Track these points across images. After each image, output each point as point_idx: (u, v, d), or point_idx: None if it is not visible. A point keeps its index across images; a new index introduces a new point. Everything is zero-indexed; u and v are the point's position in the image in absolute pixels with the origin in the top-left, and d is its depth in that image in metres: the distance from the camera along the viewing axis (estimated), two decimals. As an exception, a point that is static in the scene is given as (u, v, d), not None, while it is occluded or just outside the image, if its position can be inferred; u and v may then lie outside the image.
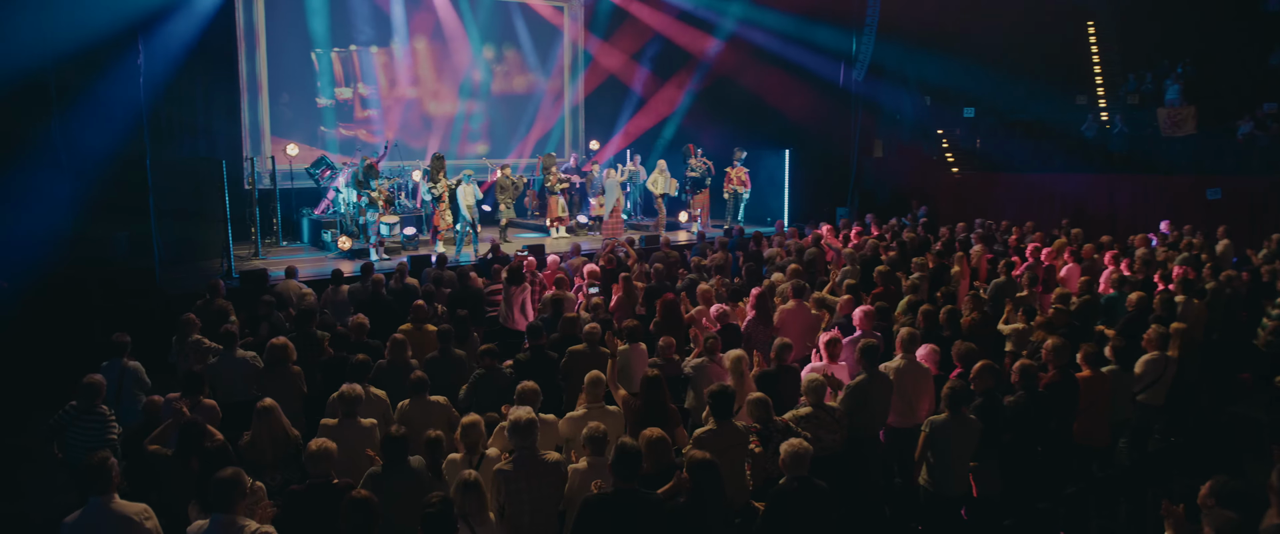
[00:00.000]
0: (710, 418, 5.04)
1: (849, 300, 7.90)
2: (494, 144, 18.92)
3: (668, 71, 19.59)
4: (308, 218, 15.30)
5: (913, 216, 15.53)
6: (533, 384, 5.22)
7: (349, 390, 5.25)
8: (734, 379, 5.86)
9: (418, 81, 17.97)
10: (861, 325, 6.97)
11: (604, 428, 4.57)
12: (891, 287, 8.90)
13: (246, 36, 15.79)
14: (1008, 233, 13.32)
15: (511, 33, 18.97)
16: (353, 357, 5.97)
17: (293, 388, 6.30)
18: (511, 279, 9.44)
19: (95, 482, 4.05)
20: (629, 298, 9.42)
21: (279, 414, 5.28)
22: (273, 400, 5.33)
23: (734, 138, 17.53)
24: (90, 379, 5.71)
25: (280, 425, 5.25)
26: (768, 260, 11.41)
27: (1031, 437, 5.68)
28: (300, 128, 16.54)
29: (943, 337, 7.05)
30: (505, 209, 15.12)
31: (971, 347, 6.17)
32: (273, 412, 5.24)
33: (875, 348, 5.81)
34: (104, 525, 4.05)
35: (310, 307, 7.55)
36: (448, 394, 6.21)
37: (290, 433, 5.28)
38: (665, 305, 8.15)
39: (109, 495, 4.09)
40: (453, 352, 6.84)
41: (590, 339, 6.84)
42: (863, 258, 10.63)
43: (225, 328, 6.78)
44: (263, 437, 5.14)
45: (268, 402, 5.28)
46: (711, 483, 4.02)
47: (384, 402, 5.88)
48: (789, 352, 6.26)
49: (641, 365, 6.61)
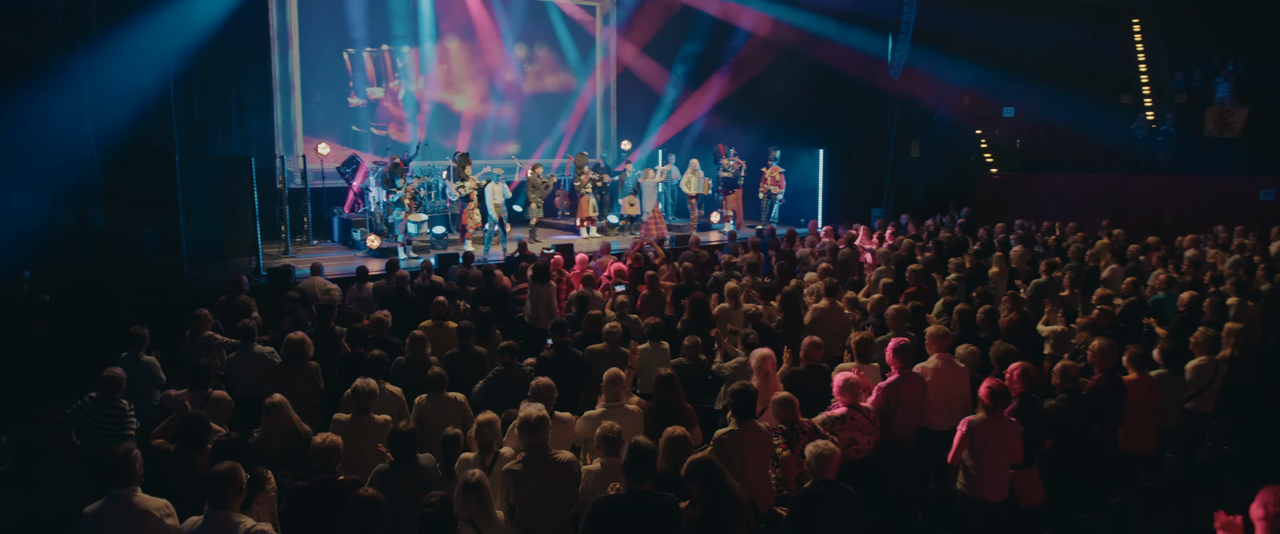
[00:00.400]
0: (731, 417, 4.83)
1: (879, 299, 7.64)
2: (525, 143, 18.84)
3: (700, 71, 19.39)
4: (338, 217, 15.33)
5: (951, 217, 15.15)
6: (548, 381, 5.05)
7: (362, 385, 5.12)
8: (759, 378, 5.64)
9: (449, 81, 17.95)
10: (893, 324, 6.71)
11: (619, 428, 4.38)
12: (926, 286, 8.62)
13: (279, 36, 15.86)
14: (1048, 234, 12.94)
15: (543, 32, 18.90)
16: (369, 352, 5.83)
17: (310, 383, 6.19)
18: (538, 277, 9.30)
19: (118, 473, 3.96)
20: (655, 297, 9.24)
21: (288, 410, 5.16)
22: (283, 396, 5.20)
23: (768, 138, 17.28)
24: (110, 372, 5.65)
25: (290, 421, 5.13)
26: (800, 260, 11.17)
27: (1074, 442, 5.38)
28: (332, 127, 16.58)
29: (980, 337, 6.78)
30: (535, 208, 15.03)
31: (1010, 347, 5.89)
32: (282, 408, 5.12)
33: (908, 347, 5.56)
34: (124, 518, 3.94)
35: (330, 302, 7.45)
36: (467, 391, 6.08)
37: (301, 429, 5.15)
38: (694, 303, 7.94)
39: (131, 488, 3.99)
40: (473, 348, 6.71)
41: (611, 338, 6.67)
42: (898, 258, 10.34)
43: (243, 323, 6.70)
44: (272, 433, 5.03)
45: (277, 398, 5.16)
46: (714, 485, 3.78)
47: (400, 398, 5.75)
48: (819, 351, 6.03)
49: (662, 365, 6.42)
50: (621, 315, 8.01)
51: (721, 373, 6.32)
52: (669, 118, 19.60)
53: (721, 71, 19.03)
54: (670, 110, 19.63)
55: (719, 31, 18.83)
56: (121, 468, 3.95)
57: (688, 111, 19.64)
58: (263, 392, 6.20)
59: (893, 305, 6.88)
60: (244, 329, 6.63)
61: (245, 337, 6.61)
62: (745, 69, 18.73)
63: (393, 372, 6.42)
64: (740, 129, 18.04)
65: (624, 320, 7.96)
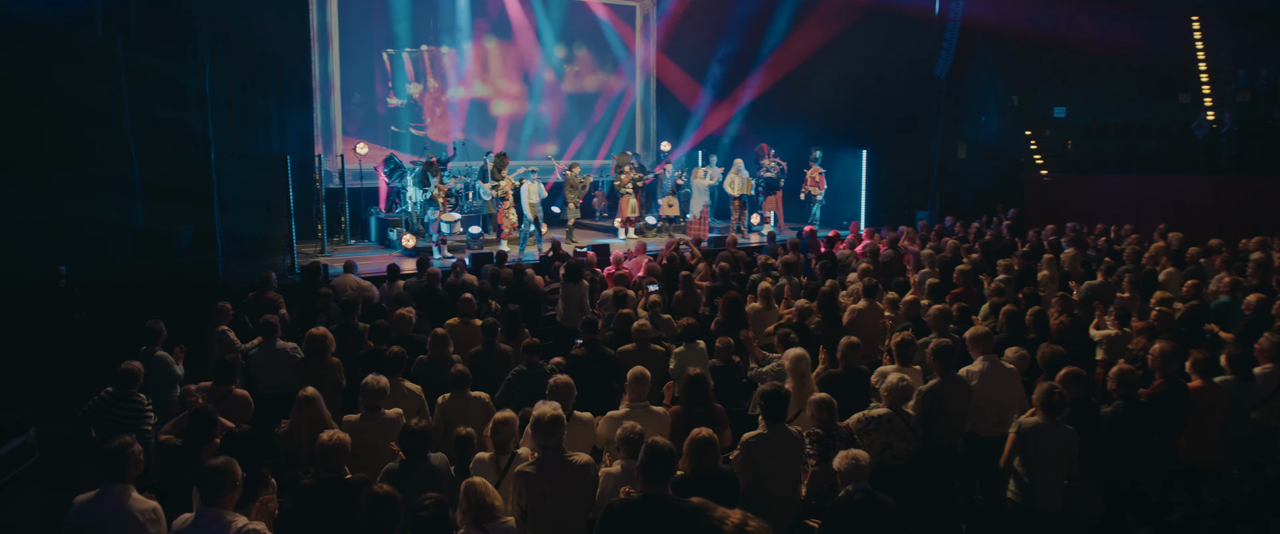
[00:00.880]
0: (760, 420, 4.56)
1: (914, 300, 7.30)
2: (563, 143, 18.70)
3: (740, 70, 19.10)
4: (375, 216, 15.32)
5: (998, 219, 14.68)
6: (566, 379, 4.83)
7: (372, 382, 4.94)
8: (794, 380, 5.36)
9: (488, 81, 17.90)
10: (935, 325, 6.37)
11: (640, 429, 4.13)
12: (972, 288, 8.25)
13: (319, 36, 15.92)
14: (1100, 236, 12.44)
15: (583, 32, 18.77)
16: (387, 349, 5.67)
17: (331, 380, 6.04)
18: (570, 276, 9.11)
19: (112, 467, 3.81)
20: (690, 297, 8.99)
21: (321, 405, 5.04)
22: (316, 390, 5.06)
23: (809, 138, 16.93)
24: (128, 366, 5.55)
25: (321, 417, 4.98)
26: (841, 262, 10.85)
27: (1132, 453, 5.01)
28: (371, 127, 16.60)
29: (1027, 339, 6.43)
30: (572, 208, 14.86)
31: (1059, 350, 5.53)
32: (315, 402, 4.99)
33: (950, 348, 5.24)
34: (109, 514, 3.79)
35: (352, 299, 7.32)
36: (492, 390, 5.91)
37: (331, 425, 5.00)
38: (727, 303, 7.69)
39: (125, 485, 3.84)
40: (498, 346, 6.53)
41: (640, 337, 6.44)
42: (943, 261, 9.97)
43: (265, 318, 6.58)
44: (301, 427, 4.88)
45: (310, 391, 5.03)
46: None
47: (418, 396, 5.57)
48: (857, 352, 5.73)
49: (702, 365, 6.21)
50: (653, 315, 7.78)
51: (759, 377, 6.05)
52: (708, 118, 19.35)
53: (761, 71, 18.72)
54: (709, 110, 19.38)
55: (759, 31, 18.53)
56: (115, 462, 3.80)
57: (727, 111, 19.36)
58: (284, 388, 6.10)
59: (936, 306, 6.53)
60: (266, 325, 6.52)
61: (267, 332, 6.50)
62: (786, 68, 18.39)
63: (415, 370, 6.27)
64: (781, 129, 17.71)
65: (656, 321, 7.74)
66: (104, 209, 10.37)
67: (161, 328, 6.71)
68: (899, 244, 11.64)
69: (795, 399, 5.12)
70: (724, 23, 18.80)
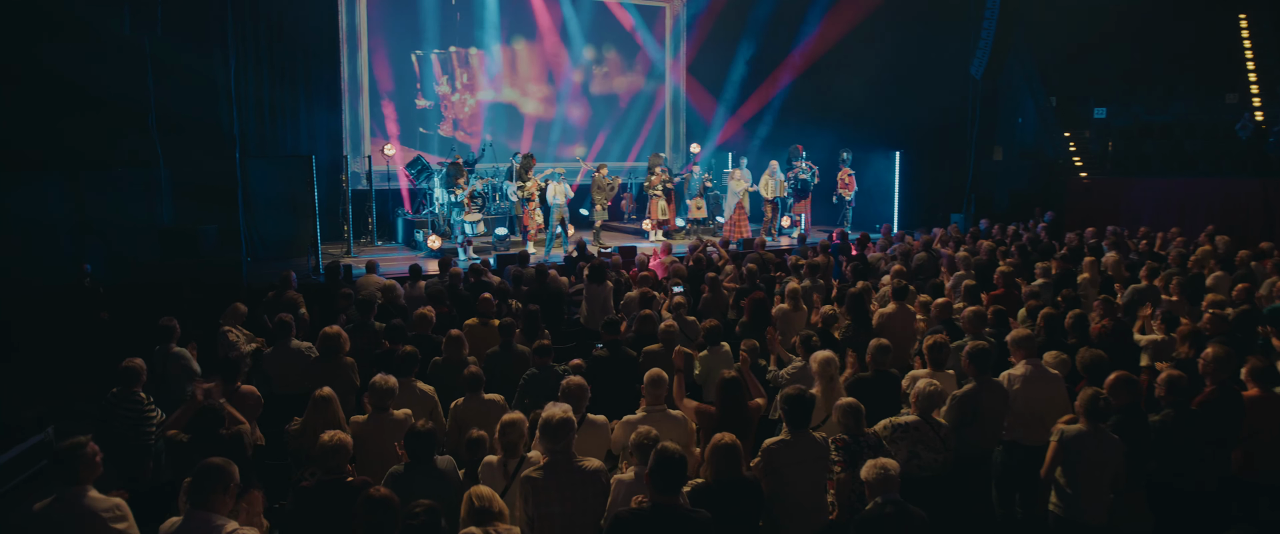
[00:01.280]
0: (783, 426, 4.32)
1: (947, 303, 7.02)
2: (592, 145, 18.54)
3: (771, 71, 18.86)
4: (402, 217, 15.26)
5: (1035, 222, 14.28)
6: (579, 381, 4.63)
7: (381, 382, 4.78)
8: (821, 384, 5.11)
9: (517, 82, 17.80)
10: (969, 328, 6.09)
11: (655, 433, 3.92)
12: (1011, 290, 7.94)
13: (349, 38, 15.91)
14: (1142, 239, 12.02)
15: (612, 33, 18.61)
16: (400, 349, 5.51)
17: (346, 380, 5.90)
18: (594, 277, 8.93)
19: (65, 469, 3.66)
20: (717, 299, 8.78)
21: (336, 406, 4.88)
22: (332, 390, 4.91)
23: (840, 140, 16.63)
24: (129, 363, 5.44)
25: (336, 418, 4.82)
26: (872, 265, 10.56)
27: (1183, 465, 4.70)
28: (399, 127, 16.57)
29: (1067, 344, 6.12)
30: (599, 210, 14.69)
31: (1100, 354, 5.23)
32: (330, 402, 4.84)
33: (986, 352, 4.96)
34: (65, 517, 3.64)
35: (370, 298, 7.19)
36: (508, 392, 5.74)
37: (345, 427, 4.85)
38: (753, 304, 7.45)
39: (81, 487, 3.69)
40: (515, 347, 6.35)
41: (667, 338, 6.24)
42: (979, 263, 9.65)
43: (280, 317, 6.46)
44: (314, 427, 4.71)
45: (327, 391, 4.88)
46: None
47: (432, 398, 5.40)
48: (887, 355, 5.47)
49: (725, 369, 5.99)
50: (678, 317, 7.57)
51: (778, 380, 5.81)
52: (739, 120, 19.13)
53: (791, 71, 18.47)
54: (739, 112, 19.15)
55: (789, 31, 18.29)
56: (68, 464, 3.65)
57: (758, 113, 19.13)
58: (298, 389, 5.97)
59: (971, 308, 6.25)
60: (280, 324, 6.40)
61: (282, 332, 6.37)
62: (816, 69, 18.11)
63: (431, 371, 6.12)
64: (812, 130, 17.42)
65: (680, 322, 7.53)
66: (131, 207, 10.37)
67: (175, 325, 6.62)
68: (933, 246, 11.32)
69: (822, 404, 4.89)
70: (753, 23, 18.59)
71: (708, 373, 6.41)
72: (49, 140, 10.26)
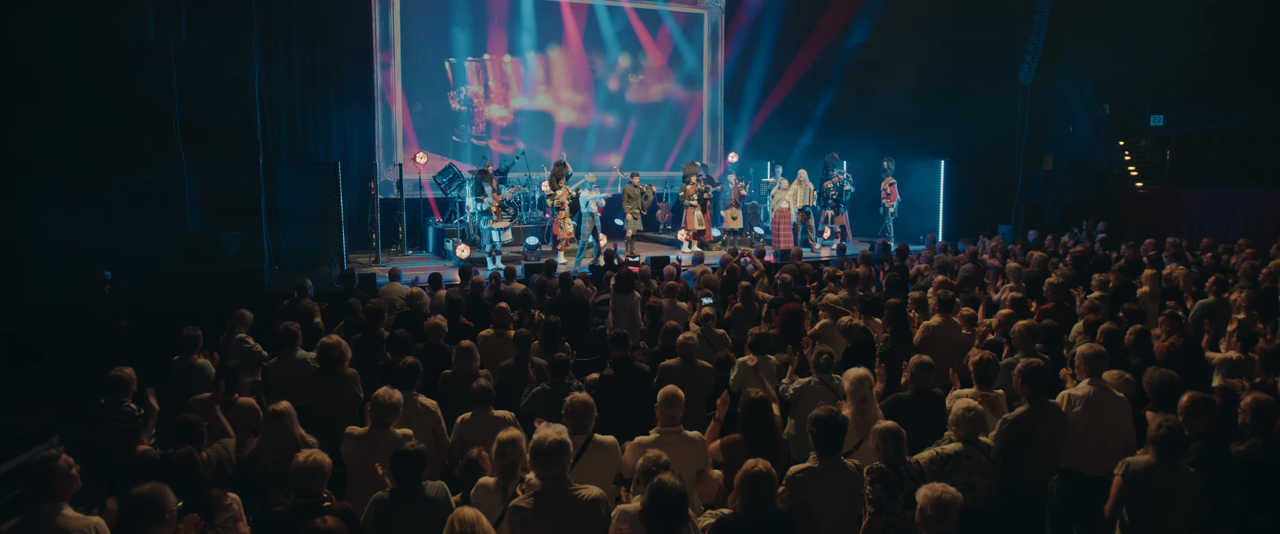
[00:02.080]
0: (812, 453, 3.88)
1: (1006, 315, 6.52)
2: (629, 154, 18.20)
3: (812, 78, 18.40)
4: (433, 226, 15.05)
5: (1088, 233, 13.60)
6: (584, 398, 4.22)
7: (385, 396, 4.40)
8: (854, 405, 4.65)
9: (552, 90, 17.55)
10: (1021, 343, 5.58)
11: (666, 459, 3.50)
12: (1064, 303, 7.39)
13: (382, 45, 15.80)
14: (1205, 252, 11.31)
15: (649, 41, 18.28)
16: (401, 360, 5.16)
17: (347, 393, 5.56)
18: (620, 287, 8.55)
19: (35, 486, 3.36)
20: (748, 309, 8.33)
21: (292, 422, 4.48)
22: (288, 405, 4.55)
23: (883, 148, 16.10)
24: (118, 373, 5.13)
25: (291, 436, 4.45)
26: (913, 277, 10.05)
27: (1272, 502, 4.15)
28: (432, 136, 16.39)
29: (1130, 363, 5.59)
30: (632, 219, 14.32)
31: (1171, 375, 4.70)
32: (284, 418, 4.44)
33: (1040, 370, 4.46)
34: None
35: (378, 307, 6.87)
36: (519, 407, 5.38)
37: (307, 441, 4.48)
38: (786, 315, 7.03)
39: (55, 504, 3.38)
40: (531, 360, 5.98)
41: (686, 352, 5.81)
42: (1029, 275, 9.09)
43: (285, 326, 6.16)
44: (269, 447, 4.35)
45: (282, 406, 4.50)
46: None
47: (434, 414, 5.03)
48: (929, 374, 4.99)
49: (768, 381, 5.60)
50: (706, 329, 7.16)
51: (785, 393, 5.36)
52: (778, 128, 18.67)
53: (833, 78, 17.98)
54: (778, 120, 18.71)
55: (831, 36, 17.83)
56: (40, 479, 3.35)
57: (798, 121, 18.67)
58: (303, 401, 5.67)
59: (1022, 322, 5.73)
60: (285, 333, 6.10)
61: (287, 341, 6.07)
62: (859, 76, 17.62)
63: (440, 385, 5.78)
64: (855, 139, 16.92)
65: (708, 334, 7.12)
66: (156, 215, 10.23)
67: (199, 335, 6.37)
68: (979, 257, 10.76)
69: (855, 427, 4.43)
70: (794, 31, 18.15)
71: (743, 383, 6.01)
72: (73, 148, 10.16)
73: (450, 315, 7.12)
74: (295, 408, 5.62)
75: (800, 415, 5.02)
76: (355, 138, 15.45)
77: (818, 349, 5.48)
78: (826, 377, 5.31)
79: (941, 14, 16.50)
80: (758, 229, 16.33)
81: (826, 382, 5.27)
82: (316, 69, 14.79)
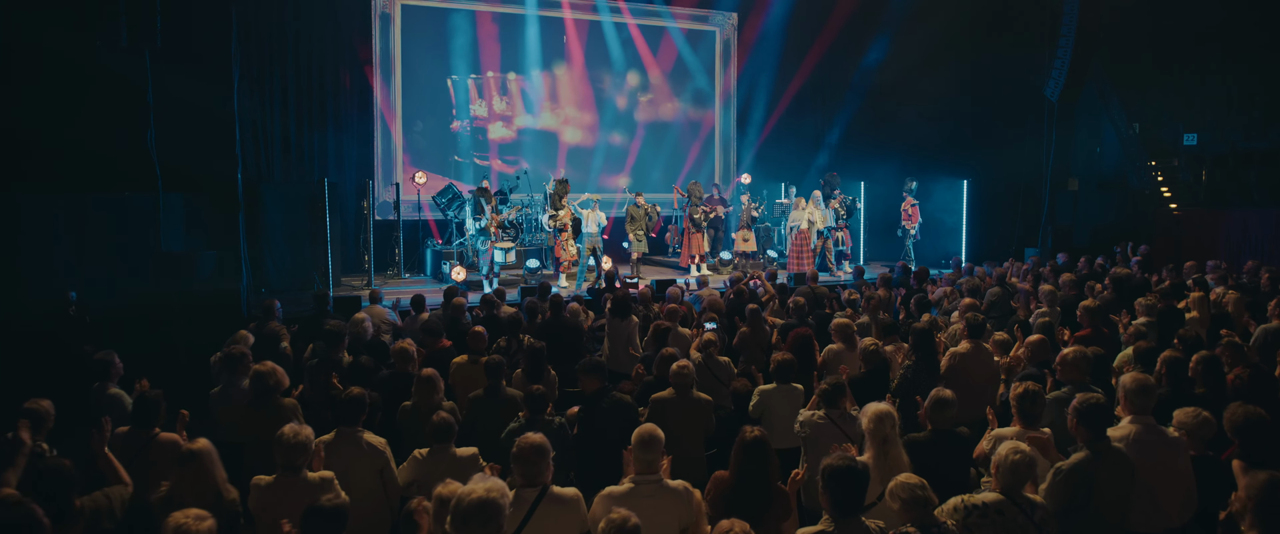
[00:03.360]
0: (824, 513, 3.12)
1: (1041, 341, 5.74)
2: (636, 174, 17.51)
3: (829, 96, 17.76)
4: (432, 249, 14.42)
5: (1124, 255, 12.78)
6: (537, 440, 3.48)
7: (290, 435, 3.70)
8: (873, 449, 3.90)
9: (557, 109, 16.94)
10: (1068, 374, 4.81)
11: (635, 522, 2.78)
12: (1102, 329, 6.62)
13: (382, 63, 15.27)
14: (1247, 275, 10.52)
15: (657, 60, 17.65)
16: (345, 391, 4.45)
17: (284, 427, 4.85)
18: (617, 311, 7.84)
19: None
20: (758, 335, 7.60)
21: (211, 463, 3.78)
22: (207, 442, 3.84)
23: (903, 167, 15.38)
24: (32, 405, 4.45)
25: (211, 479, 3.75)
26: (935, 302, 9.29)
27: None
28: (433, 156, 15.81)
29: (1196, 395, 4.82)
30: (636, 241, 13.63)
31: (1258, 412, 3.94)
32: (201, 458, 3.74)
33: (1102, 407, 3.69)
34: None
35: (338, 330, 6.18)
36: (492, 446, 4.68)
37: (226, 493, 3.77)
38: (797, 341, 6.29)
39: None
40: (503, 390, 5.26)
41: (681, 382, 5.09)
42: (1064, 299, 8.33)
43: (229, 350, 5.47)
44: (185, 492, 3.64)
45: (198, 444, 3.80)
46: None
47: (382, 453, 4.31)
48: (949, 411, 4.22)
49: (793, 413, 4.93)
50: (707, 357, 6.44)
51: (799, 431, 4.62)
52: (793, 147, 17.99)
53: (851, 95, 17.31)
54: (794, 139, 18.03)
55: (847, 52, 17.19)
56: None
57: (814, 140, 18.00)
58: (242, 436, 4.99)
59: (1072, 348, 4.95)
60: (227, 358, 5.40)
61: (231, 366, 5.38)
62: (878, 93, 16.93)
63: (400, 418, 5.08)
64: (873, 159, 16.24)
65: (710, 362, 6.40)
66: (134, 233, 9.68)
67: (114, 360, 5.68)
68: (1007, 280, 9.98)
69: (877, 476, 3.67)
70: (808, 47, 17.52)
71: (765, 412, 5.31)
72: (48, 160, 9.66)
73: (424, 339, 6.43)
74: (235, 442, 4.97)
75: (814, 459, 4.28)
76: (352, 157, 14.88)
77: (828, 381, 4.74)
78: (837, 411, 4.57)
79: (962, 29, 15.83)
80: (772, 252, 15.62)
81: (836, 418, 4.52)
82: (312, 86, 14.27)
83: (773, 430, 4.65)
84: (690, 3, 17.33)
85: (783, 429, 5.12)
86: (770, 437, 3.91)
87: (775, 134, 18.04)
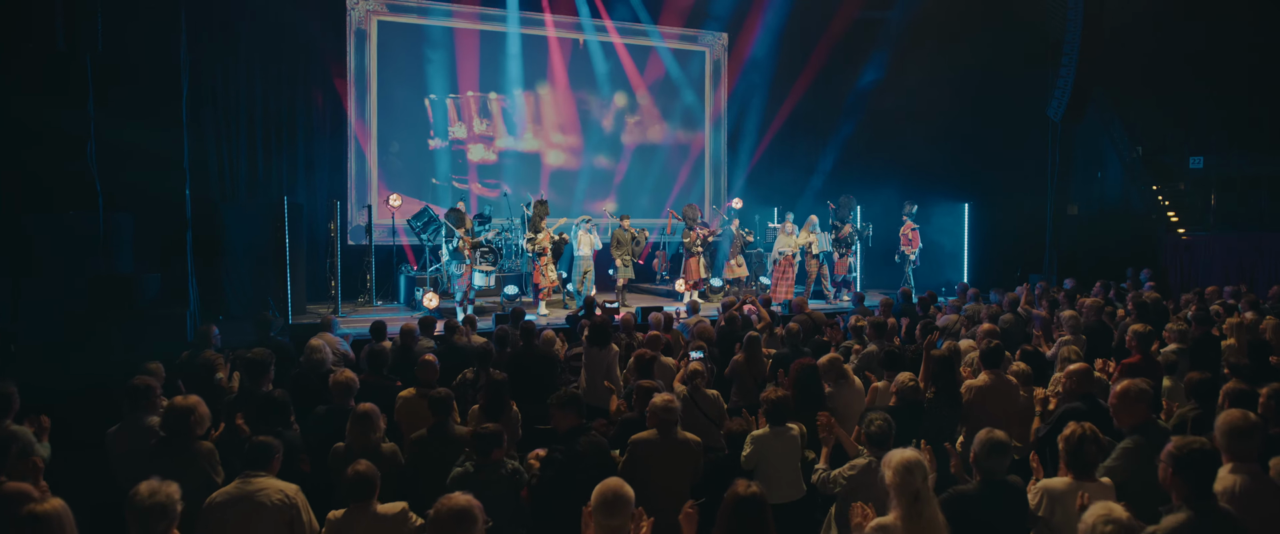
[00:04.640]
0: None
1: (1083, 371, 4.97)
2: (623, 198, 16.78)
3: (824, 117, 17.14)
4: (405, 274, 13.63)
5: (1133, 281, 12.11)
6: (462, 503, 2.74)
7: (144, 494, 2.90)
8: (900, 505, 3.11)
9: (540, 131, 16.24)
10: (1127, 413, 4.04)
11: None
12: (1149, 358, 5.88)
13: (356, 81, 14.57)
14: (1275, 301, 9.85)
15: (646, 80, 17.00)
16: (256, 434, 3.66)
17: (197, 474, 4.03)
18: (595, 339, 7.07)
19: None
20: (753, 366, 6.83)
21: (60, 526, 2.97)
22: (61, 504, 3.02)
23: (902, 190, 14.73)
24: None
25: None
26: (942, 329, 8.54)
27: None
28: (408, 178, 15.06)
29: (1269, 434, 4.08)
30: (623, 267, 12.88)
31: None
32: (49, 524, 2.93)
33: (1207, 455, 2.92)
34: None
35: (261, 359, 5.37)
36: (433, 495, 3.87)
37: None
38: (798, 373, 5.52)
39: None
40: (450, 430, 4.47)
41: (664, 422, 4.31)
42: (1088, 326, 7.60)
43: (135, 382, 4.64)
44: None
45: (49, 505, 2.98)
46: None
47: (292, 506, 3.50)
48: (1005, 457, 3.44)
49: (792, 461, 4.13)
50: (694, 390, 5.67)
51: (830, 485, 3.85)
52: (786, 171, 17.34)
53: (848, 117, 16.70)
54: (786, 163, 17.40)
55: (844, 72, 16.61)
56: None
57: (808, 163, 17.36)
58: (144, 482, 4.18)
59: (1127, 381, 4.16)
60: (133, 391, 4.58)
61: (135, 400, 4.56)
62: (874, 115, 16.33)
63: (330, 462, 4.28)
64: (870, 180, 15.58)
65: (696, 396, 5.63)
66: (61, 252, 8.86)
67: (14, 393, 4.87)
68: (1019, 307, 9.25)
69: (906, 539, 2.90)
70: (801, 67, 16.93)
71: (760, 461, 4.53)
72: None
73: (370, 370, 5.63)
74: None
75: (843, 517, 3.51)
76: (323, 178, 14.15)
77: (871, 418, 3.96)
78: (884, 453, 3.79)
79: (961, 49, 15.28)
80: (763, 279, 14.89)
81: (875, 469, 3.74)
82: (282, 104, 13.55)
83: (769, 483, 3.89)
84: (679, 22, 16.73)
85: (781, 481, 4.35)
86: (767, 490, 3.15)
87: (768, 157, 17.41)
